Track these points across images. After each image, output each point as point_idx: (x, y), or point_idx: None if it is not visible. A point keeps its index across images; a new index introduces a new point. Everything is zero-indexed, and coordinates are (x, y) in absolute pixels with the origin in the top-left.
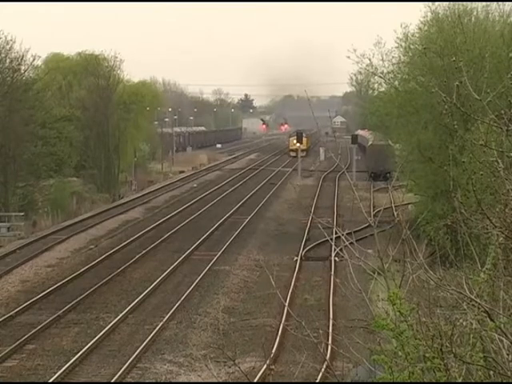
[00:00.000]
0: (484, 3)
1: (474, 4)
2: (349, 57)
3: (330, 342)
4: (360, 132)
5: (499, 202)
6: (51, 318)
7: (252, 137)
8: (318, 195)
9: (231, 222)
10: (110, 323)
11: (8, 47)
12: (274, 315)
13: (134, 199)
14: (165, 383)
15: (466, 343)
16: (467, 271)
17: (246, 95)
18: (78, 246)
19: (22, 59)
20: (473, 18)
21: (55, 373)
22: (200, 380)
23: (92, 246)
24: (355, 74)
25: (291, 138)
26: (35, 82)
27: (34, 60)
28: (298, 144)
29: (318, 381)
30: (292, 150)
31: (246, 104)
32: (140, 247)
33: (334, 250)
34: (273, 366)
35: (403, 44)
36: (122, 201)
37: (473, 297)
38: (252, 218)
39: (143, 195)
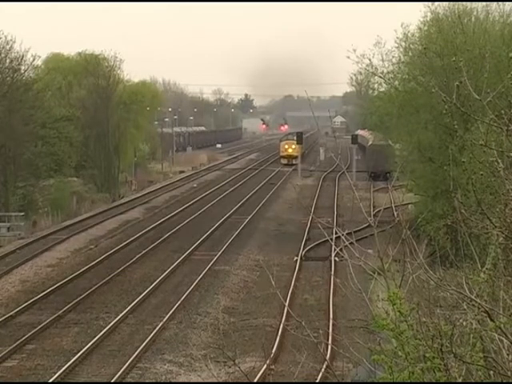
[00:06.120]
0: (484, 3)
1: (474, 4)
2: (349, 57)
3: (329, 342)
4: (360, 132)
5: (499, 201)
6: (51, 318)
7: (252, 137)
8: (318, 195)
9: (231, 222)
10: (110, 323)
11: (8, 47)
12: (274, 315)
13: (134, 199)
14: (165, 383)
15: (466, 343)
16: (467, 271)
17: (246, 95)
18: (78, 245)
19: (22, 59)
20: (473, 18)
21: (55, 373)
22: (200, 380)
23: (92, 246)
24: (355, 74)
25: (282, 143)
26: (35, 82)
27: (33, 60)
28: (291, 149)
29: (317, 381)
30: (283, 157)
31: (246, 104)
32: (140, 247)
33: (334, 250)
34: (273, 366)
35: (403, 44)
36: (122, 201)
37: (473, 297)
38: (252, 218)
39: (143, 195)
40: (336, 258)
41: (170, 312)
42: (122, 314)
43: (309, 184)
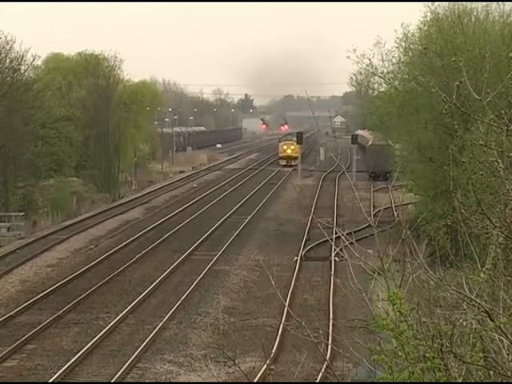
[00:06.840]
0: (484, 3)
1: (474, 4)
2: (349, 57)
3: (329, 342)
4: (360, 132)
5: (499, 202)
6: (51, 318)
7: (252, 137)
8: (318, 195)
9: (231, 222)
10: (110, 323)
11: (8, 47)
12: (274, 315)
13: (133, 199)
14: (165, 383)
15: (466, 343)
16: (467, 271)
17: (246, 95)
18: (78, 246)
19: (22, 59)
20: (473, 18)
21: (55, 373)
22: (200, 380)
23: (92, 246)
24: (355, 74)
25: (281, 143)
26: (35, 82)
27: (33, 60)
28: (290, 150)
29: (317, 381)
30: (282, 158)
31: (246, 104)
32: (140, 247)
33: (334, 250)
34: (273, 366)
35: (403, 44)
36: (122, 201)
37: (473, 297)
38: (252, 218)
39: (143, 195)
40: (336, 258)
41: (170, 312)
42: (122, 313)
43: (309, 184)
